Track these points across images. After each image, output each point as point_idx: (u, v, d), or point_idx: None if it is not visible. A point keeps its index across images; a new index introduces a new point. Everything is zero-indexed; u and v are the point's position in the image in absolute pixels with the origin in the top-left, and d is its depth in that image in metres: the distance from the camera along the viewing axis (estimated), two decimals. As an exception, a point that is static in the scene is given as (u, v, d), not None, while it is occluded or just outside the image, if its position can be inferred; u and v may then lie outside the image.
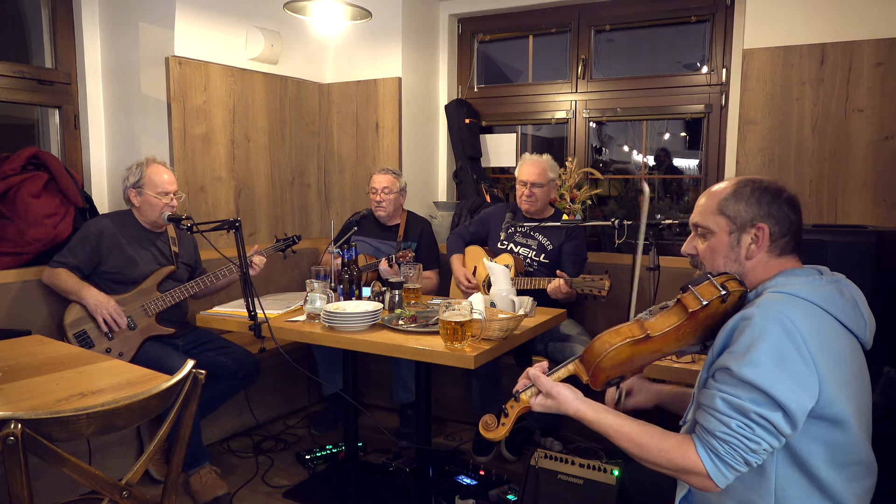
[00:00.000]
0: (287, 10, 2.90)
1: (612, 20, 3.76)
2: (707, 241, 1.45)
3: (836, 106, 2.90)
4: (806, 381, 1.22)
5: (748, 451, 1.24)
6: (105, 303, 2.69)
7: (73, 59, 3.36)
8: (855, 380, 1.32)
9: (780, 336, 1.23)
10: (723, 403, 1.26)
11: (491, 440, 1.53)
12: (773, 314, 1.25)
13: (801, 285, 1.33)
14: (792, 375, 1.22)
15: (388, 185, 3.39)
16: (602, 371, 1.42)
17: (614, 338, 1.40)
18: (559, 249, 3.15)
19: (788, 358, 1.22)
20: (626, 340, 1.39)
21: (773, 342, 1.23)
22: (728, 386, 1.26)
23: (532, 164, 3.17)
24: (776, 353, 1.22)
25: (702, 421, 1.30)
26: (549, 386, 1.43)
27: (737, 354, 1.26)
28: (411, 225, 3.51)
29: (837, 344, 1.30)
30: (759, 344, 1.23)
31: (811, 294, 1.31)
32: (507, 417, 1.47)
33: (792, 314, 1.25)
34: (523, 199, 3.18)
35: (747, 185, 1.42)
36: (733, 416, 1.24)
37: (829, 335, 1.29)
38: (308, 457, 3.06)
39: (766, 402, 1.22)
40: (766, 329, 1.24)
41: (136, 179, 2.83)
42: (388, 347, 2.25)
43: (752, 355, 1.23)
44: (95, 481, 1.40)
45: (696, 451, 1.28)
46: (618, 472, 2.13)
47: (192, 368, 1.54)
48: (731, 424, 1.24)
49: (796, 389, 1.22)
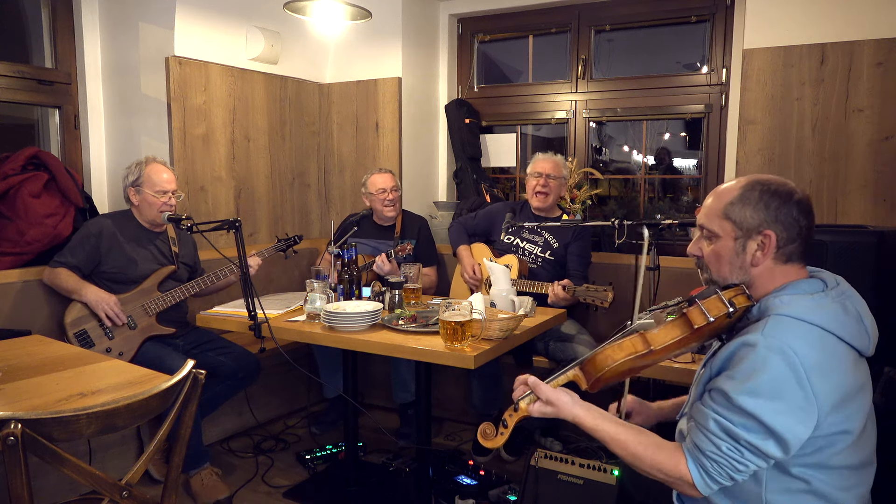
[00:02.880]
0: (287, 10, 2.90)
1: (612, 20, 3.76)
2: (712, 245, 1.41)
3: (836, 106, 2.90)
4: (804, 413, 1.23)
5: (734, 471, 1.27)
6: (106, 298, 2.70)
7: (73, 59, 3.36)
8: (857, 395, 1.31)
9: (782, 367, 1.22)
10: (715, 426, 1.27)
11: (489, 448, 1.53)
12: (776, 343, 1.24)
13: (806, 306, 1.29)
14: (790, 407, 1.22)
15: (394, 184, 3.41)
16: (602, 381, 1.44)
17: (617, 353, 1.39)
18: (565, 248, 3.15)
19: (787, 390, 1.22)
20: (628, 356, 1.38)
21: (773, 373, 1.22)
22: (723, 409, 1.27)
23: (546, 158, 3.22)
24: (776, 384, 1.22)
25: (694, 437, 1.32)
26: (548, 393, 1.43)
27: (736, 381, 1.26)
28: (408, 223, 3.51)
29: (840, 365, 1.28)
30: (759, 374, 1.23)
31: (815, 316, 1.28)
32: (505, 427, 1.47)
33: (795, 343, 1.23)
34: (537, 190, 3.17)
35: (755, 187, 1.36)
36: (724, 440, 1.26)
37: (832, 358, 1.27)
38: (308, 457, 3.06)
39: (758, 431, 1.23)
40: (768, 360, 1.23)
41: (135, 178, 2.83)
42: (388, 347, 2.25)
43: (751, 384, 1.23)
44: (95, 481, 1.40)
45: (685, 464, 1.30)
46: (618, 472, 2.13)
47: (192, 368, 1.54)
48: (722, 447, 1.26)
49: (792, 421, 1.22)
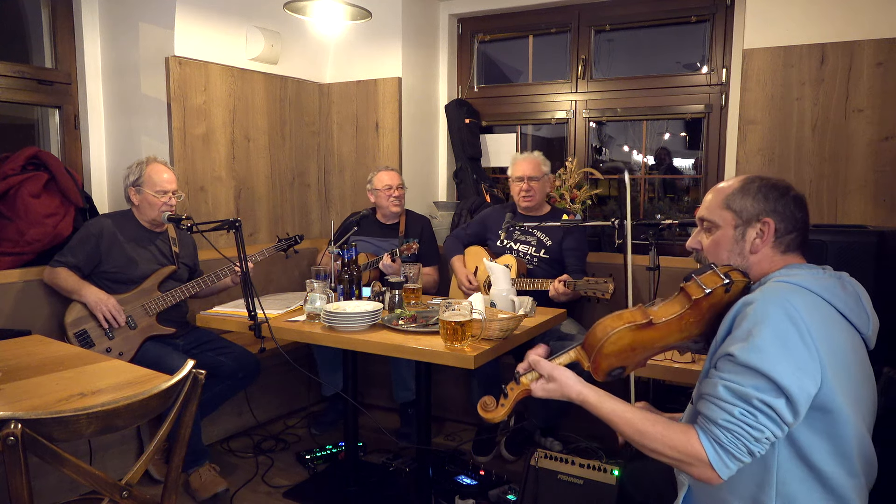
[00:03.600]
0: (287, 10, 2.89)
1: (612, 20, 3.76)
2: (712, 235, 1.45)
3: (836, 106, 2.90)
4: (808, 366, 1.22)
5: (751, 440, 1.22)
6: (105, 300, 2.70)
7: (73, 59, 3.36)
8: (855, 373, 1.31)
9: (783, 320, 1.23)
10: (725, 391, 1.24)
11: (489, 421, 1.51)
12: (775, 299, 1.25)
13: (805, 276, 1.33)
14: (795, 359, 1.21)
15: (400, 182, 3.43)
16: (603, 357, 1.39)
17: (616, 322, 1.38)
18: (560, 245, 3.16)
19: (791, 342, 1.22)
20: (627, 325, 1.36)
21: (775, 326, 1.22)
22: (730, 373, 1.25)
23: (524, 160, 3.23)
24: (779, 336, 1.22)
25: (704, 410, 1.28)
26: (550, 368, 1.42)
27: (739, 339, 1.25)
28: (411, 222, 3.51)
29: (839, 335, 1.30)
30: (761, 328, 1.23)
31: (814, 285, 1.31)
32: (506, 399, 1.44)
33: (795, 301, 1.25)
34: (521, 195, 3.20)
35: (754, 181, 1.42)
36: (736, 404, 1.23)
37: (831, 326, 1.29)
38: (308, 457, 3.06)
39: (769, 388, 1.21)
40: (769, 313, 1.23)
41: (135, 178, 2.83)
42: (388, 347, 2.25)
43: (755, 339, 1.22)
44: (95, 481, 1.40)
45: (698, 441, 1.25)
46: (618, 472, 2.13)
47: (192, 368, 1.54)
48: (734, 412, 1.22)
49: (799, 374, 1.21)
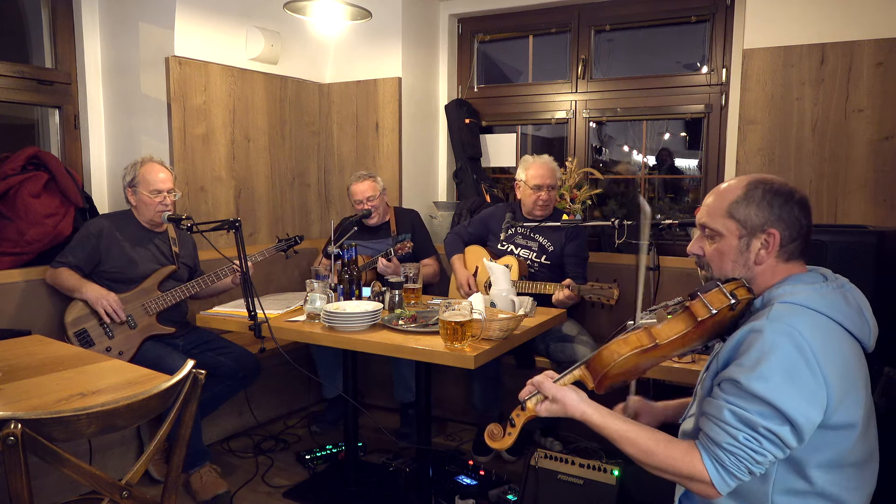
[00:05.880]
0: (287, 10, 2.90)
1: (612, 20, 3.76)
2: (715, 244, 1.42)
3: (836, 106, 2.90)
4: (814, 395, 1.22)
5: (753, 463, 1.24)
6: (105, 295, 2.70)
7: (73, 59, 3.36)
8: (860, 386, 1.32)
9: (790, 350, 1.23)
10: (731, 415, 1.25)
11: (497, 449, 1.52)
12: (782, 327, 1.24)
13: (809, 294, 1.31)
14: (801, 389, 1.22)
15: (371, 194, 3.34)
16: (608, 378, 1.43)
17: (623, 348, 1.39)
18: (561, 251, 3.14)
19: (798, 372, 1.22)
20: (634, 351, 1.38)
21: (782, 356, 1.23)
22: (736, 398, 1.26)
23: (543, 166, 3.10)
24: (786, 367, 1.22)
25: (708, 431, 1.29)
26: (554, 391, 1.43)
27: (746, 367, 1.25)
28: (401, 219, 3.50)
29: (844, 352, 1.30)
30: (768, 357, 1.23)
31: (818, 303, 1.30)
32: (513, 427, 1.46)
33: (801, 326, 1.24)
34: (538, 204, 3.10)
35: (758, 186, 1.37)
36: (741, 429, 1.24)
37: (836, 344, 1.28)
38: (308, 457, 3.06)
39: (774, 416, 1.22)
40: (776, 343, 1.23)
41: (130, 178, 2.84)
42: (388, 347, 2.25)
43: (762, 369, 1.23)
44: (95, 481, 1.40)
45: (700, 460, 1.27)
46: (618, 472, 2.13)
47: (192, 368, 1.54)
48: (739, 437, 1.24)
49: (804, 404, 1.22)
